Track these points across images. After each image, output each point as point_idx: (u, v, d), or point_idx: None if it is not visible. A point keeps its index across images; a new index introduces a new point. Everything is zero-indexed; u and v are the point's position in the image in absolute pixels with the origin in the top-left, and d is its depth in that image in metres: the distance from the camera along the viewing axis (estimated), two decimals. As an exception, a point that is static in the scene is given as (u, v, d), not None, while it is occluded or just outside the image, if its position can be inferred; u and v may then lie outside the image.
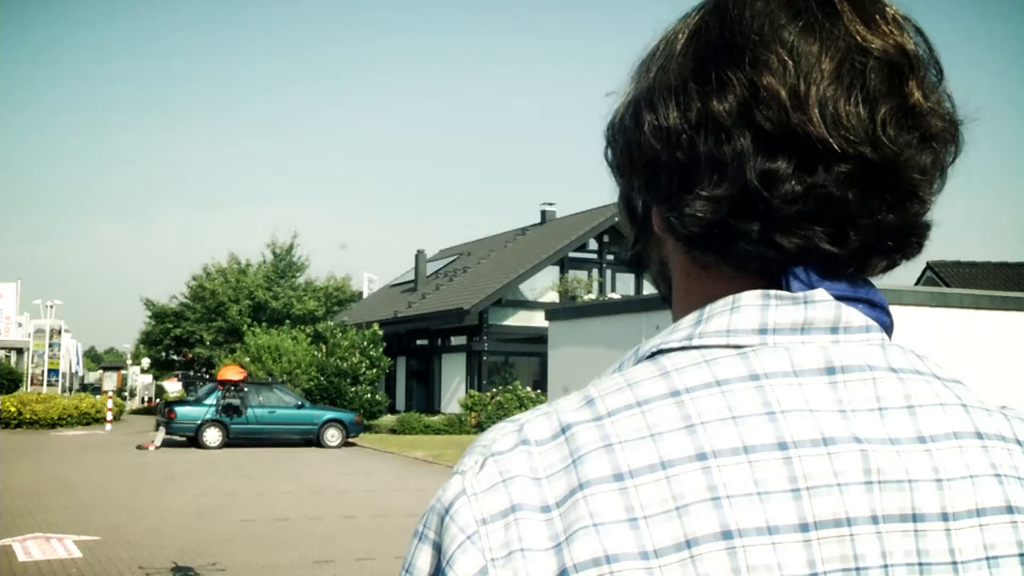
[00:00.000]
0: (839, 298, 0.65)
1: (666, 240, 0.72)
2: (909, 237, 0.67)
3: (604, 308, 16.86)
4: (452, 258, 39.83)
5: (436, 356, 34.16)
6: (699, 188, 0.65)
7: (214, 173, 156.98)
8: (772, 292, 0.65)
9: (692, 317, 0.67)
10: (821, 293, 0.64)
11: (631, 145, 0.70)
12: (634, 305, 15.31)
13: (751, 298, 0.65)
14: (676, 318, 0.71)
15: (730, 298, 0.66)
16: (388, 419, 28.05)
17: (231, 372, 5.71)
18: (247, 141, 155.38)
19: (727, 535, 0.56)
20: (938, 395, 0.65)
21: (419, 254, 37.92)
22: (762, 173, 0.62)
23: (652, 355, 0.66)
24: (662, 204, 0.68)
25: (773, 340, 0.64)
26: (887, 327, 0.67)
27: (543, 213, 37.76)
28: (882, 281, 0.70)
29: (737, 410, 0.60)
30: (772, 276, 0.66)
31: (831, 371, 0.63)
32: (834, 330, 0.64)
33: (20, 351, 35.60)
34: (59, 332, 36.60)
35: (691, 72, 0.66)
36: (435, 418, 27.40)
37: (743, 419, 0.60)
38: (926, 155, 0.64)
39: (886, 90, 0.63)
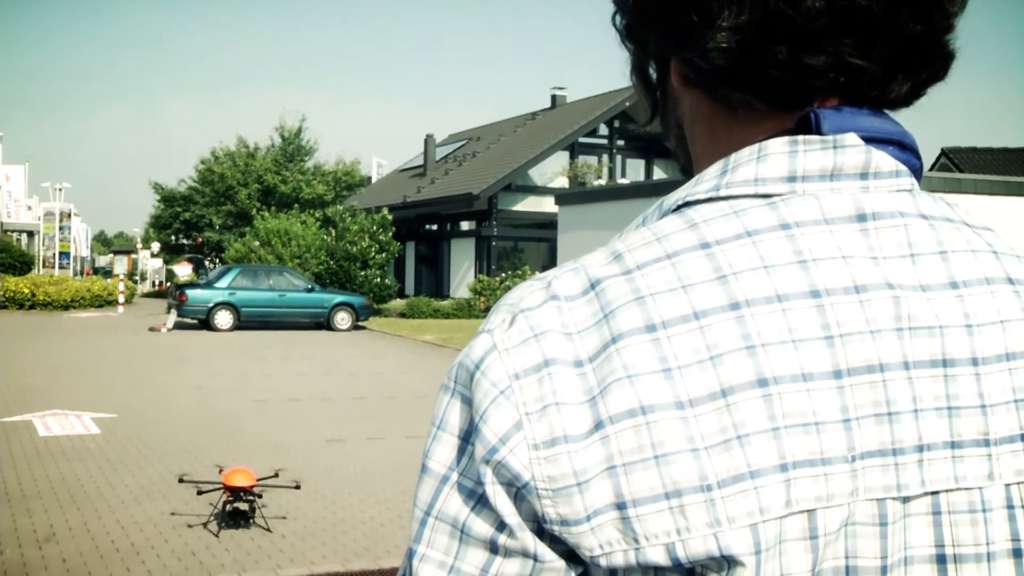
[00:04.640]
0: (869, 140, 0.64)
1: (685, 97, 0.71)
2: (935, 52, 0.65)
3: (614, 193, 16.79)
4: (462, 143, 39.51)
5: (445, 241, 34.27)
6: (720, 20, 0.63)
7: (223, 58, 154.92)
8: (800, 137, 0.63)
9: (717, 167, 0.65)
10: (852, 137, 0.63)
11: None
12: (644, 189, 15.23)
13: (778, 145, 0.63)
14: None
15: (756, 146, 0.64)
16: (397, 303, 28.31)
17: (240, 478, 4.90)
18: (257, 26, 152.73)
19: (763, 383, 0.57)
20: (969, 242, 0.65)
21: (428, 139, 37.62)
22: None
23: (678, 208, 0.65)
24: (683, 48, 0.66)
25: (802, 188, 0.63)
26: (916, 171, 0.67)
27: (553, 98, 37.29)
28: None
29: (768, 259, 0.60)
30: (802, 116, 0.64)
31: (862, 218, 0.62)
32: (863, 176, 0.63)
33: (31, 234, 35.71)
34: (69, 215, 36.63)
35: None
36: (444, 302, 27.64)
37: (775, 268, 0.60)
38: None
39: None
